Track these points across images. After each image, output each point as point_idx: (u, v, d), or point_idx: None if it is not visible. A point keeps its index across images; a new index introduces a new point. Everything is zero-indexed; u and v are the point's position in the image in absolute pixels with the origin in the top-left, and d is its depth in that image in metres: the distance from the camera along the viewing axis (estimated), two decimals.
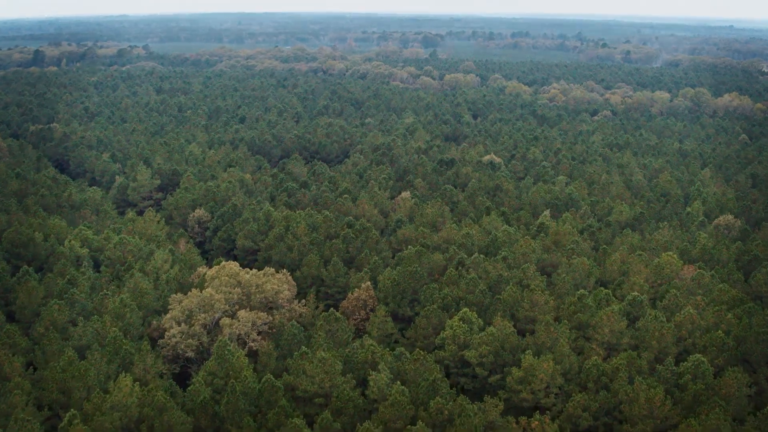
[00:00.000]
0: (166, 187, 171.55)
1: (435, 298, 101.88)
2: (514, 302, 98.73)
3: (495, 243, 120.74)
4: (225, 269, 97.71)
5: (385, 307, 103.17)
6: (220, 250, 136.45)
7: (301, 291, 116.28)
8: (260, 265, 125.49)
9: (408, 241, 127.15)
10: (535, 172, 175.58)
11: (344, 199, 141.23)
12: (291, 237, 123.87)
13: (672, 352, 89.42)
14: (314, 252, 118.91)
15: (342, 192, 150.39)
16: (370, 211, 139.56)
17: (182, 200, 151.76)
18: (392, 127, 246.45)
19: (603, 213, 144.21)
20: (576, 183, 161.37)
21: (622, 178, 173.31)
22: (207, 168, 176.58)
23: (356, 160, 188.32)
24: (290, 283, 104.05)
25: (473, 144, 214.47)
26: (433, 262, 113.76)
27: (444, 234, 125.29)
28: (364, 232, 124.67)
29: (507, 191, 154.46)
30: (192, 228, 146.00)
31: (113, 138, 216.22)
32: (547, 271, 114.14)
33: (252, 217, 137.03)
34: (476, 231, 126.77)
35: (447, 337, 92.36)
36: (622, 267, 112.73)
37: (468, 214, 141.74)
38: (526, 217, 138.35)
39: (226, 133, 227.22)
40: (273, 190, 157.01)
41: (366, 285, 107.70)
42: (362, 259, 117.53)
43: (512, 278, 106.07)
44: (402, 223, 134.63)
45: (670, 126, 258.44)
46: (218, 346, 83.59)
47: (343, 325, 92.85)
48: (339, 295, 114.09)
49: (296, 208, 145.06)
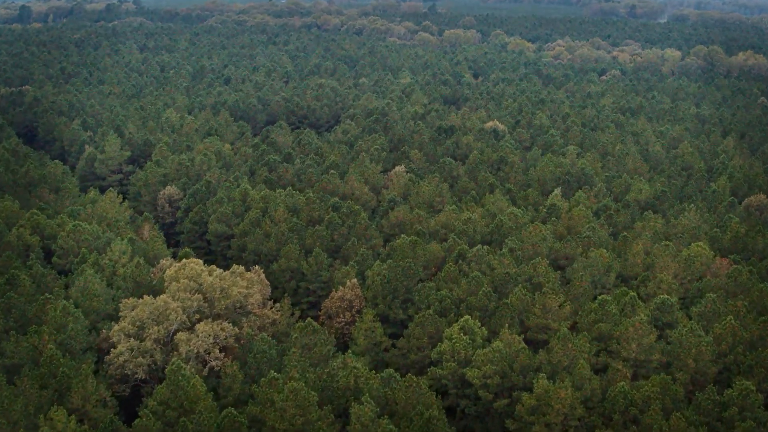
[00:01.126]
0: (137, 159, 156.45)
1: (431, 300, 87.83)
2: (524, 307, 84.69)
3: (500, 230, 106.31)
4: (185, 269, 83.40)
5: (374, 310, 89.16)
6: (192, 234, 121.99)
7: (279, 286, 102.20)
8: (234, 254, 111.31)
9: (401, 225, 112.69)
10: (542, 141, 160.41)
11: (331, 176, 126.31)
12: (268, 222, 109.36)
13: (711, 373, 75.57)
14: (294, 241, 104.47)
15: (329, 166, 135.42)
16: (359, 189, 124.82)
17: (152, 175, 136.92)
18: (388, 89, 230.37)
19: (620, 191, 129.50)
20: (588, 155, 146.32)
21: (637, 148, 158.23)
22: (183, 137, 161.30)
23: (347, 127, 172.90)
24: (263, 283, 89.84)
25: (474, 108, 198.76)
26: (429, 254, 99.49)
27: (442, 218, 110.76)
28: (351, 216, 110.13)
29: (512, 164, 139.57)
30: (162, 207, 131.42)
31: (86, 102, 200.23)
32: (560, 264, 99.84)
33: (227, 196, 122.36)
34: (478, 214, 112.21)
35: (445, 351, 78.45)
36: (645, 260, 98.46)
37: (469, 192, 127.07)
38: (535, 196, 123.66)
39: (209, 96, 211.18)
40: (253, 163, 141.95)
41: (352, 283, 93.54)
42: (349, 248, 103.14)
43: (521, 276, 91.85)
44: (395, 203, 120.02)
45: (684, 87, 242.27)
46: (171, 370, 69.59)
47: (322, 338, 78.84)
48: (322, 291, 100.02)
49: (277, 185, 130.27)
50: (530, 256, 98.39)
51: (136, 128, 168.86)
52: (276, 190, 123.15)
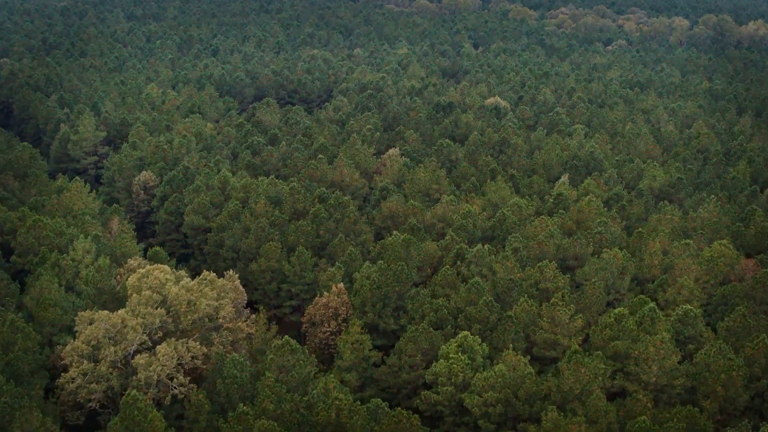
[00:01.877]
0: (113, 140, 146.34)
1: (426, 310, 78.63)
2: (530, 320, 75.47)
3: (503, 224, 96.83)
4: (148, 278, 73.93)
5: (362, 319, 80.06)
6: (167, 225, 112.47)
7: (259, 288, 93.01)
8: (211, 249, 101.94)
9: (394, 217, 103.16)
10: (547, 120, 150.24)
11: (318, 162, 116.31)
12: (248, 215, 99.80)
13: (742, 399, 66.62)
14: (275, 237, 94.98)
15: (317, 150, 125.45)
16: (349, 176, 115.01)
17: (127, 159, 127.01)
18: (383, 60, 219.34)
19: (632, 177, 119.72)
20: (597, 136, 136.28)
21: (648, 127, 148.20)
22: (163, 116, 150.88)
23: (339, 104, 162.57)
24: (237, 291, 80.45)
25: (474, 82, 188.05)
26: (424, 254, 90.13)
27: (439, 210, 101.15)
28: (339, 208, 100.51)
29: (515, 147, 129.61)
30: (137, 195, 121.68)
31: (65, 76, 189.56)
32: (569, 265, 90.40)
33: (205, 184, 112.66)
34: (478, 206, 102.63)
35: (440, 372, 69.40)
36: (663, 261, 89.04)
37: (469, 178, 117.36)
38: (540, 183, 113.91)
39: (194, 69, 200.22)
40: (236, 145, 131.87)
41: (338, 288, 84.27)
42: (336, 246, 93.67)
43: (526, 281, 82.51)
44: (388, 192, 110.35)
45: (694, 59, 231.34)
46: (126, 402, 60.52)
47: (302, 358, 69.69)
48: (305, 294, 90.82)
49: (261, 170, 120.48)
50: (536, 256, 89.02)
51: (114, 106, 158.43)
52: (258, 178, 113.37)
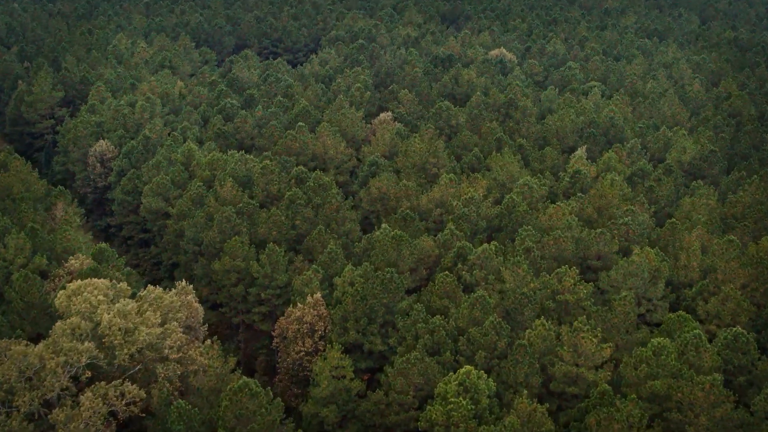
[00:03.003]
0: (73, 100, 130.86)
1: (419, 330, 64.73)
2: (547, 348, 61.62)
3: (512, 212, 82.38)
4: (80, 298, 59.76)
5: (342, 338, 66.35)
6: (124, 207, 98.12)
7: (223, 288, 79.03)
8: (170, 240, 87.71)
9: (384, 200, 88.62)
10: (558, 76, 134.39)
11: (298, 131, 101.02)
12: (213, 200, 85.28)
13: None
14: (243, 229, 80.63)
15: (298, 114, 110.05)
16: (334, 148, 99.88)
17: (83, 125, 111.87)
18: (378, 3, 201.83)
19: (657, 148, 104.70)
20: (616, 97, 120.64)
21: (671, 84, 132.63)
22: (130, 71, 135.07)
23: (326, 57, 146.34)
24: (191, 307, 66.26)
25: (476, 30, 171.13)
26: (419, 252, 75.88)
27: (437, 194, 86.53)
28: (320, 191, 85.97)
29: (524, 110, 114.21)
30: (93, 168, 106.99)
31: (28, 24, 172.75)
32: (591, 266, 76.13)
33: (167, 158, 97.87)
34: (483, 187, 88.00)
35: (436, 419, 55.80)
36: (702, 261, 74.79)
37: (471, 149, 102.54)
38: (553, 156, 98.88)
39: (171, 15, 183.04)
40: (207, 109, 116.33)
41: (315, 298, 70.23)
42: (314, 240, 79.32)
43: (541, 290, 68.37)
44: (378, 167, 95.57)
45: (713, 2, 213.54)
46: None
47: (263, 403, 55.99)
48: (277, 299, 76.88)
49: (232, 140, 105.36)
50: (552, 256, 74.79)
51: (76, 60, 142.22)
52: (228, 152, 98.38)
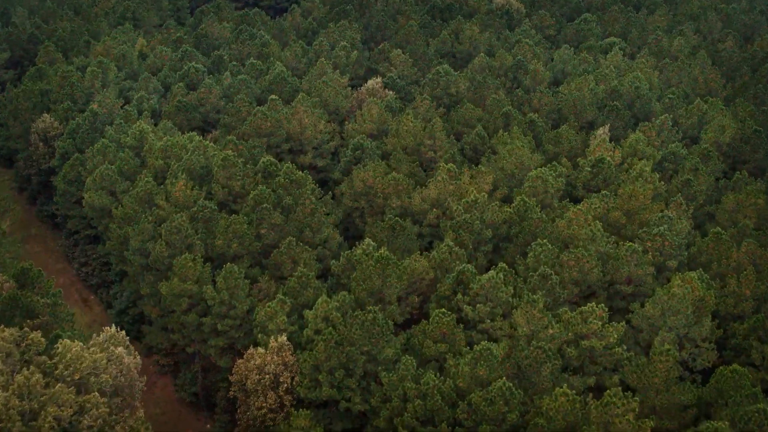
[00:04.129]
0: (21, 62, 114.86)
1: (408, 392, 51.33)
2: (570, 424, 48.20)
3: (522, 219, 68.17)
4: None
5: (313, 393, 53.09)
6: (68, 198, 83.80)
7: (173, 313, 65.40)
8: (114, 247, 73.68)
9: (370, 195, 74.24)
10: (573, 30, 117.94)
11: (270, 107, 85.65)
12: (164, 200, 70.85)
13: None
14: (197, 241, 66.41)
15: (272, 82, 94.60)
16: (312, 127, 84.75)
17: (26, 95, 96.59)
18: None
19: (691, 125, 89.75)
20: (640, 59, 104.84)
21: (700, 40, 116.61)
22: (86, 25, 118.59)
23: (309, 6, 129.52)
24: (121, 363, 52.34)
25: None
26: (409, 275, 61.95)
27: (433, 192, 71.97)
28: (292, 188, 71.51)
29: (535, 75, 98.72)
30: (35, 147, 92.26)
31: None
32: (619, 292, 62.21)
33: (116, 140, 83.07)
34: (488, 182, 73.48)
35: None
36: (757, 288, 60.88)
37: (473, 124, 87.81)
38: (570, 137, 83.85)
39: None
40: (168, 73, 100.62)
41: (280, 342, 56.66)
42: (282, 256, 65.19)
43: (561, 335, 54.72)
44: (363, 151, 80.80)
45: None
46: None
47: None
48: (237, 331, 63.21)
49: (194, 115, 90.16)
50: (574, 280, 60.94)
51: (27, 11, 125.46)
52: (188, 133, 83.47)
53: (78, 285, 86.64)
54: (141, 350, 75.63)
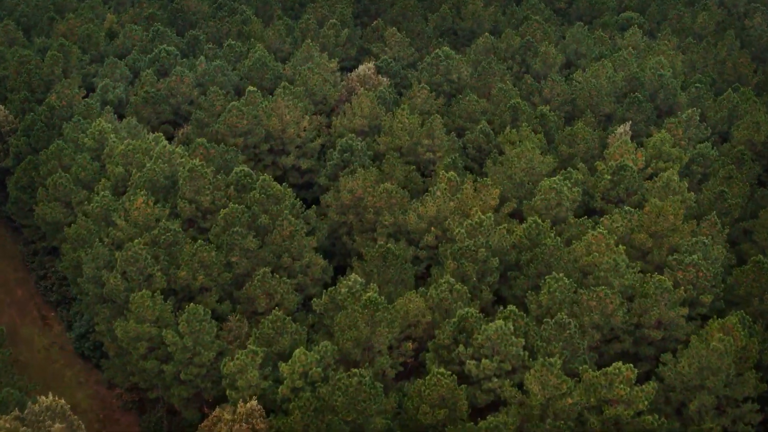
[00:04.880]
0: None
1: None
2: None
3: (534, 242, 59.18)
4: None
5: None
6: (21, 206, 74.66)
7: (131, 356, 56.70)
8: (67, 270, 64.84)
9: (359, 209, 65.10)
10: (585, 3, 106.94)
11: (247, 101, 75.83)
12: (122, 220, 61.66)
13: None
14: (158, 272, 57.38)
15: (251, 68, 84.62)
16: (294, 123, 75.08)
17: None
18: None
19: (720, 119, 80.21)
20: (661, 40, 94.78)
21: (724, 15, 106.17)
22: None
23: None
24: None
25: None
26: (403, 318, 53.15)
27: (431, 209, 62.67)
28: (269, 204, 62.29)
29: (545, 58, 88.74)
30: None
31: None
32: (647, 337, 53.40)
33: (73, 142, 73.62)
34: (494, 197, 64.19)
35: None
36: None
37: (477, 119, 78.38)
38: (586, 135, 74.10)
39: None
40: (137, 56, 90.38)
41: (249, 407, 48.09)
42: (255, 290, 56.25)
43: (582, 401, 46.12)
44: (353, 153, 71.31)
45: None
46: None
47: None
48: (203, 381, 54.60)
49: (164, 108, 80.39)
50: (596, 325, 52.18)
51: None
52: (156, 127, 73.99)
53: (37, 299, 77.86)
54: (103, 381, 67.78)
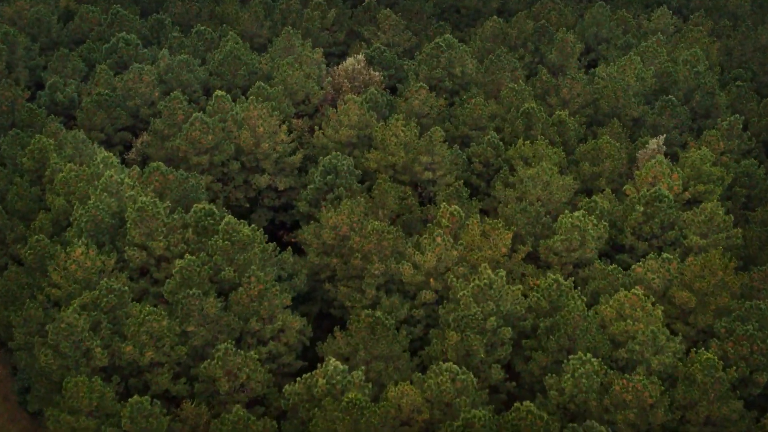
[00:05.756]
0: None
1: None
2: None
3: (554, 306, 48.88)
4: None
5: None
6: None
7: None
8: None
9: (343, 251, 54.55)
10: None
11: (214, 109, 64.53)
12: (59, 273, 50.98)
13: None
14: (97, 347, 47.08)
15: (222, 63, 72.90)
16: (269, 138, 63.98)
17: None
18: None
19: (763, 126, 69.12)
20: (693, 27, 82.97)
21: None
22: None
23: None
24: None
25: None
26: (395, 415, 43.03)
27: (430, 260, 51.52)
28: (235, 251, 51.44)
29: (562, 48, 77.16)
30: None
31: None
32: None
33: (10, 159, 62.64)
34: (506, 241, 53.41)
35: None
36: None
37: (483, 126, 67.47)
38: (612, 151, 62.89)
39: None
40: (92, 45, 78.49)
41: None
42: (216, 370, 45.97)
43: None
44: (337, 174, 60.18)
45: None
46: None
47: None
48: None
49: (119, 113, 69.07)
50: (631, 424, 42.16)
51: None
52: (106, 144, 62.89)
53: None
54: None
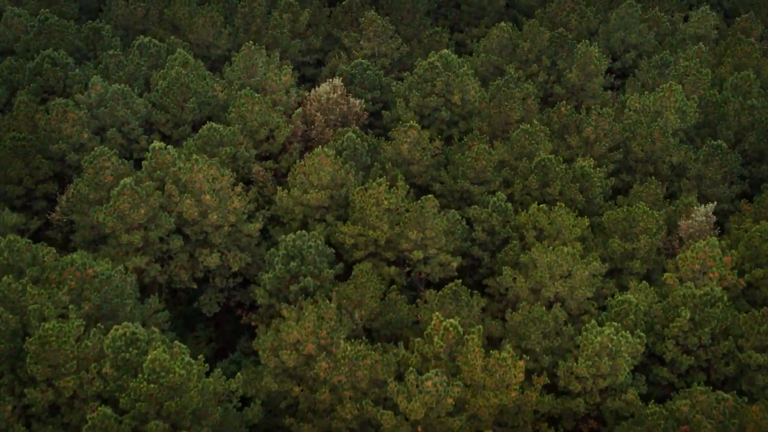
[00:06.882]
0: None
1: None
2: None
3: None
4: None
5: None
6: None
7: None
8: None
9: (308, 375, 42.09)
10: None
11: (153, 163, 51.23)
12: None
13: None
14: None
15: (165, 93, 58.95)
16: (218, 206, 50.71)
17: None
18: None
19: None
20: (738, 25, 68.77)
21: None
22: None
23: None
24: None
25: None
26: None
27: (418, 411, 39.11)
28: (164, 396, 39.02)
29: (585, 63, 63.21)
30: None
31: None
32: None
33: None
34: (518, 374, 40.56)
35: None
36: None
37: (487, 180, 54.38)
38: (650, 225, 49.76)
39: None
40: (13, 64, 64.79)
41: None
42: None
43: None
44: (303, 260, 47.31)
45: None
46: None
47: None
48: None
49: (37, 161, 55.81)
50: None
51: None
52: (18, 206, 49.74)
53: None
54: None
